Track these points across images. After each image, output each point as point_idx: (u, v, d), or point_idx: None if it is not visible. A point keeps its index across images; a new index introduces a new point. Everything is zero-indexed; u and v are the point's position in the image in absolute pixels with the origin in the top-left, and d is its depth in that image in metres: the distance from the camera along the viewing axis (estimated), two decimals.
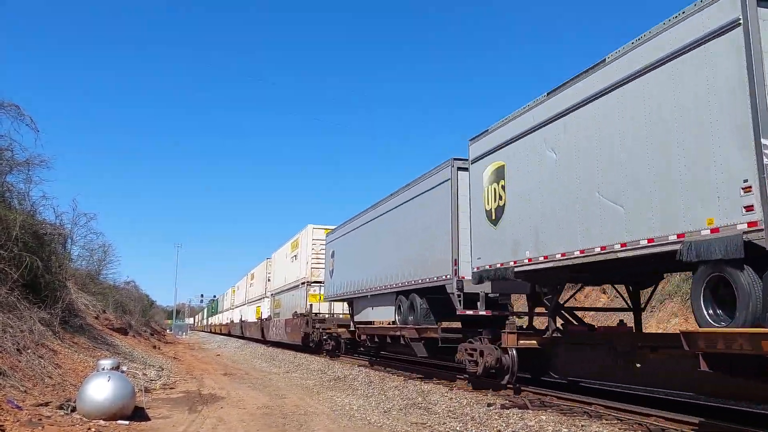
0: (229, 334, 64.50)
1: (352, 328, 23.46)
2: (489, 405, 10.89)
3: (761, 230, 6.59)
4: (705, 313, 7.46)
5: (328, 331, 25.94)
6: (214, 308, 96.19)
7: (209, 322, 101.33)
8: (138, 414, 9.72)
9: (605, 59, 9.27)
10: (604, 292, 26.15)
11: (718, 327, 7.20)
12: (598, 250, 9.29)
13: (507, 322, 12.44)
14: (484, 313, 13.94)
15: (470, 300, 13.97)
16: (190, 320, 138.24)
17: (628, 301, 12.58)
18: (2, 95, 20.30)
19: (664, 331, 19.94)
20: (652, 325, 21.97)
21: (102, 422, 8.80)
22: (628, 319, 12.51)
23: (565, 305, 12.61)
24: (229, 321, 65.89)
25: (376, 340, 19.97)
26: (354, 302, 22.77)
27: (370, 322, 21.44)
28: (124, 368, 12.14)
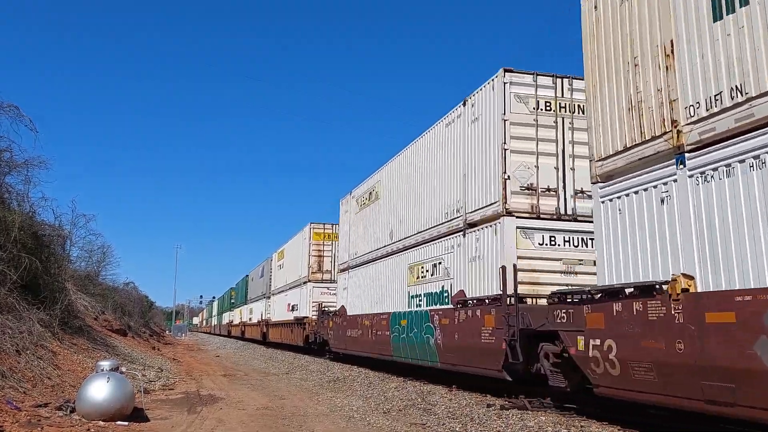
0: (282, 345, 35.72)
1: None
2: (489, 406, 10.90)
3: None
4: None
5: None
6: (236, 298, 63.10)
7: (222, 321, 76.37)
8: (137, 415, 9.71)
9: None
10: None
11: None
12: None
13: None
14: None
15: None
16: (199, 320, 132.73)
17: None
18: (1, 96, 20.28)
19: None
20: None
21: (101, 423, 8.79)
22: None
23: None
24: (290, 314, 32.64)
25: None
26: None
27: None
28: (124, 369, 12.12)
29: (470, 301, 12.90)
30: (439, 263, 14.72)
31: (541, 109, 12.58)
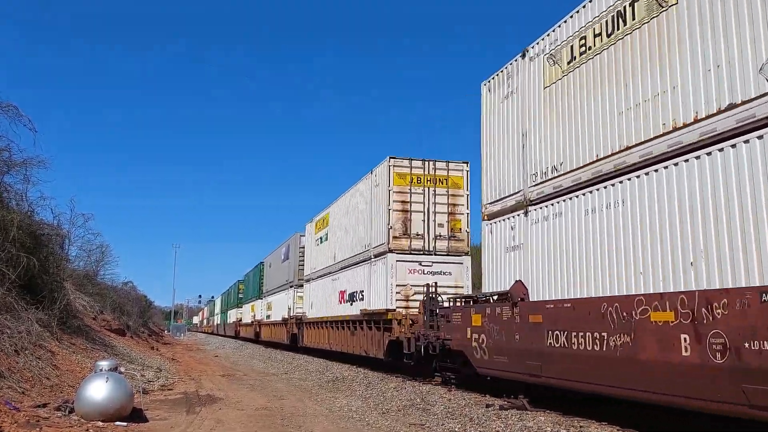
0: (333, 353, 24.30)
1: None
2: (488, 406, 10.90)
3: None
4: None
5: None
6: (245, 292, 54.19)
7: (227, 320, 66.90)
8: (136, 415, 9.70)
9: None
10: None
11: None
12: None
13: None
14: None
15: None
16: (199, 319, 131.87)
17: None
18: (0, 95, 20.28)
19: None
20: None
21: (100, 423, 8.79)
22: None
23: None
24: (348, 307, 22.11)
25: None
26: None
27: None
28: (122, 369, 12.14)
29: None
30: None
31: None
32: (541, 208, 11.08)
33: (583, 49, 10.40)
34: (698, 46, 8.05)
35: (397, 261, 18.11)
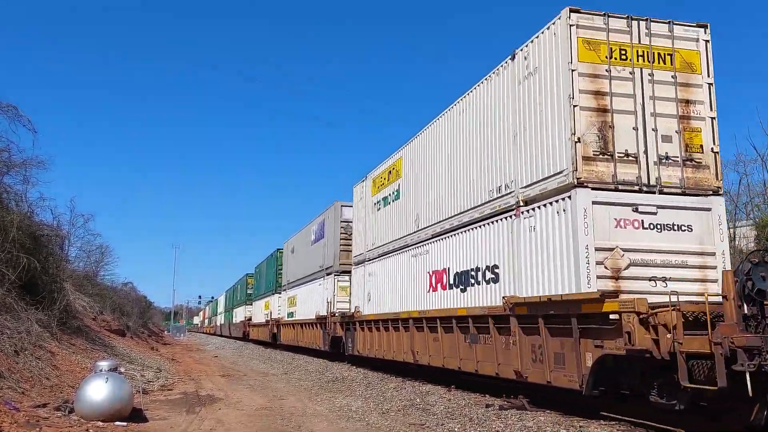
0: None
1: None
2: (487, 406, 10.91)
3: None
4: None
5: None
6: (256, 287, 46.39)
7: (233, 319, 59.45)
8: (136, 415, 9.71)
9: None
10: None
11: None
12: None
13: None
14: None
15: None
16: (200, 319, 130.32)
17: None
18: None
19: None
20: None
21: (100, 423, 8.79)
22: None
23: None
24: (456, 295, 13.25)
25: None
26: None
27: None
28: (122, 370, 12.14)
29: None
30: None
31: None
32: None
33: None
34: None
35: (593, 203, 9.31)
